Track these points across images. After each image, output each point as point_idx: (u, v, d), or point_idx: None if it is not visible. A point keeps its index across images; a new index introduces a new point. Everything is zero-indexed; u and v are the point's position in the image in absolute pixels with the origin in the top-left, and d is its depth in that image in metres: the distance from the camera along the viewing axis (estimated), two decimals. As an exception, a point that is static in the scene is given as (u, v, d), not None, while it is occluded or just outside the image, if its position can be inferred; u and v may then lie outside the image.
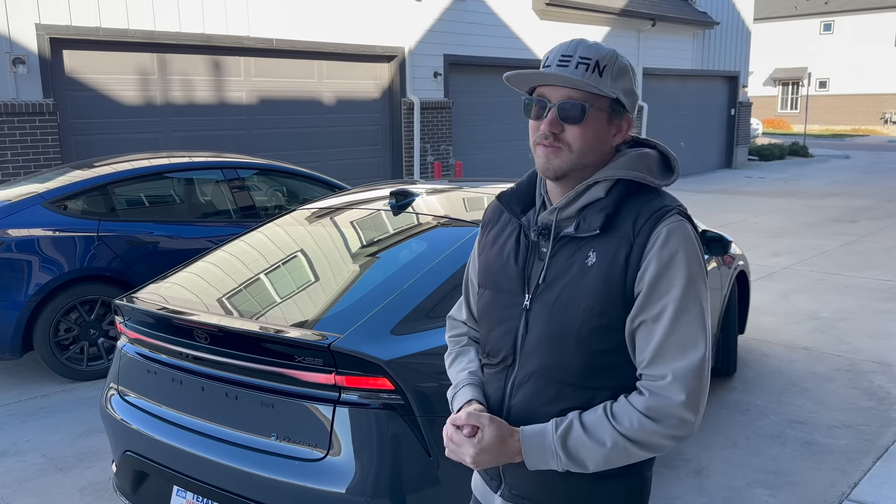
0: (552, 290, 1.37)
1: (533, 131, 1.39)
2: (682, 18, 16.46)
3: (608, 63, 1.34)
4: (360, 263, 2.77)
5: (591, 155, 1.37)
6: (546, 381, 1.38)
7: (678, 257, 1.30)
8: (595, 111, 1.34)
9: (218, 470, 2.31)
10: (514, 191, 1.51)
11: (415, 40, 11.53)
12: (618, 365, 1.35)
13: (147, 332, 2.60)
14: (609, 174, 1.36)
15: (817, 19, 38.84)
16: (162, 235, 5.21)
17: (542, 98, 1.37)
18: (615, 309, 1.32)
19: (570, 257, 1.37)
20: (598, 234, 1.34)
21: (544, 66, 1.37)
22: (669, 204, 1.36)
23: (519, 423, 1.39)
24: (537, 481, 1.42)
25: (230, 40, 9.39)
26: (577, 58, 1.33)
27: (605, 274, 1.32)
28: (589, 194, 1.37)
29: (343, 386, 2.19)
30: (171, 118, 9.20)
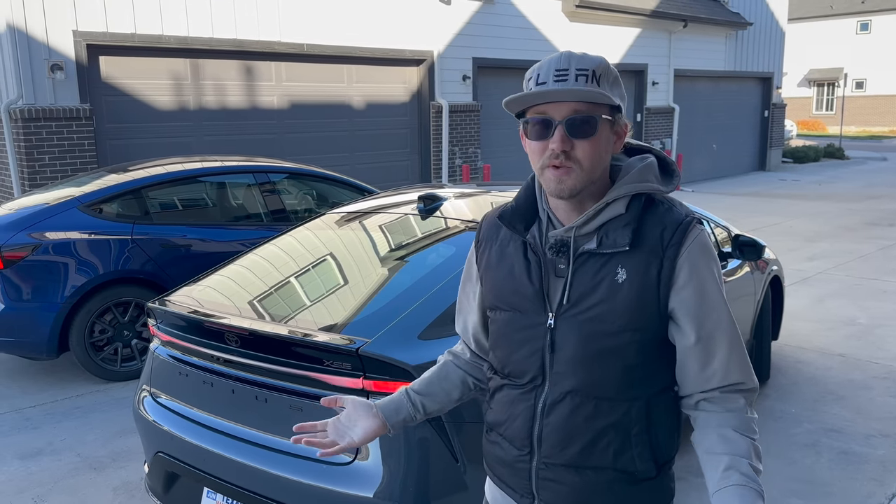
0: (579, 307, 1.35)
1: (538, 154, 1.33)
2: (715, 19, 16.26)
3: (603, 72, 1.32)
4: (388, 267, 2.77)
5: (600, 168, 1.35)
6: (583, 398, 1.37)
7: (710, 273, 1.36)
8: (602, 122, 1.32)
9: (247, 472, 2.33)
10: (515, 208, 1.46)
11: (444, 44, 11.55)
12: (651, 374, 1.38)
13: (179, 335, 2.63)
14: (628, 189, 1.35)
15: (853, 19, 38.07)
16: (194, 238, 5.29)
17: (545, 117, 1.31)
18: (651, 323, 1.34)
19: (595, 274, 1.35)
20: (619, 251, 1.34)
21: (538, 84, 1.31)
22: (688, 214, 1.37)
23: (554, 441, 1.39)
24: (579, 498, 1.41)
25: (262, 45, 9.50)
26: (573, 70, 1.30)
27: (638, 290, 1.32)
28: (609, 211, 1.35)
29: (371, 390, 2.20)
30: (204, 123, 9.34)
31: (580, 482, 1.40)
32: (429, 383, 1.61)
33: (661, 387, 1.39)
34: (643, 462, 1.38)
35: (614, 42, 14.56)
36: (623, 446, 1.38)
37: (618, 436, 1.37)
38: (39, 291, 4.71)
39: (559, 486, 1.41)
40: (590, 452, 1.38)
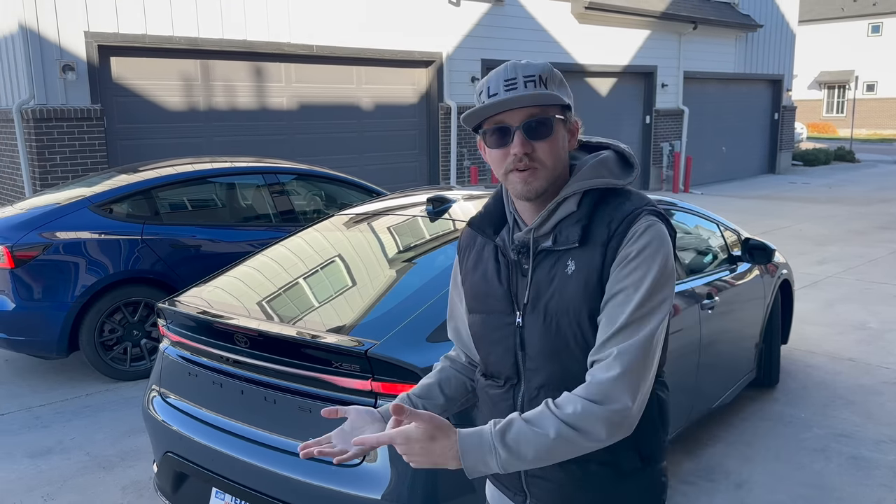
0: (540, 303, 1.40)
1: (500, 161, 1.38)
2: (725, 21, 16.20)
3: (548, 75, 1.38)
4: (396, 269, 2.78)
5: (560, 166, 1.40)
6: (555, 391, 1.38)
7: (647, 250, 1.32)
8: (556, 121, 1.38)
9: (256, 473, 2.34)
10: (484, 214, 1.53)
11: (453, 45, 11.56)
12: None
13: (189, 336, 2.65)
14: (577, 187, 1.40)
15: (865, 21, 37.86)
16: (204, 239, 5.31)
17: (502, 125, 1.37)
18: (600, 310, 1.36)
19: (550, 269, 1.40)
20: (578, 246, 1.37)
21: (490, 96, 1.37)
22: (639, 205, 1.39)
23: None
24: (561, 491, 1.44)
25: (271, 47, 9.53)
26: (521, 78, 1.36)
27: (585, 278, 1.35)
28: (562, 209, 1.40)
29: (379, 392, 2.20)
30: (214, 123, 9.38)
31: (565, 477, 1.43)
32: (429, 388, 1.62)
33: None
34: (625, 453, 1.39)
35: (624, 44, 14.54)
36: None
37: None
38: (50, 291, 4.74)
39: (546, 482, 1.45)
40: None
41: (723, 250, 4.19)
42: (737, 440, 3.98)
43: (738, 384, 4.16)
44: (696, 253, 4.01)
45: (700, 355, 3.53)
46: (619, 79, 14.84)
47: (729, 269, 4.03)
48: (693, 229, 4.17)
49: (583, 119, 1.50)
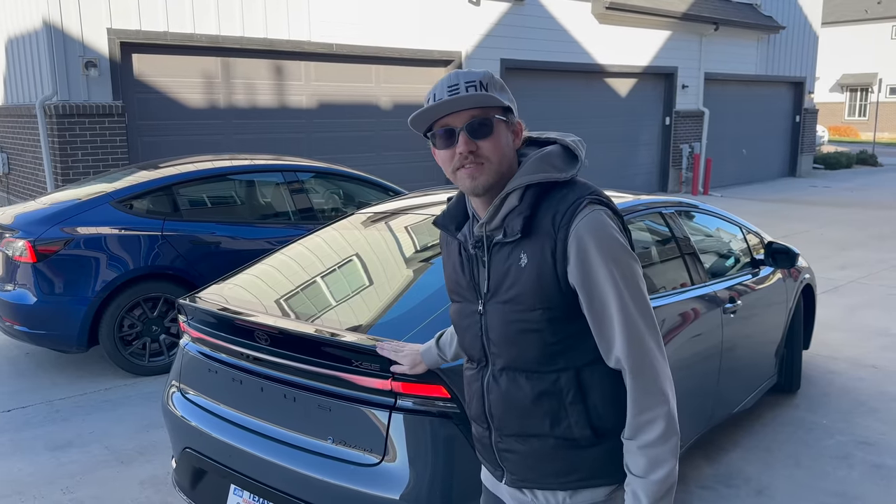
0: (498, 293, 1.53)
1: (447, 160, 1.51)
2: (747, 23, 16.05)
3: (489, 81, 1.50)
4: (416, 269, 2.77)
5: (506, 163, 1.51)
6: (515, 373, 1.54)
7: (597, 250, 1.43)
8: (497, 121, 1.50)
9: (274, 470, 2.33)
10: (446, 212, 1.67)
11: (472, 45, 11.54)
12: (572, 346, 1.50)
13: (209, 332, 2.65)
14: (517, 183, 1.49)
15: (889, 23, 37.37)
16: (223, 236, 5.33)
17: (448, 126, 1.49)
18: (556, 300, 1.46)
19: (504, 261, 1.51)
20: (522, 237, 1.48)
21: (435, 101, 1.48)
22: (581, 194, 1.47)
23: (499, 415, 1.58)
24: (526, 462, 1.57)
25: (292, 45, 9.56)
26: (462, 84, 1.47)
27: (537, 271, 1.46)
28: (507, 204, 1.50)
29: (399, 392, 2.19)
30: (234, 121, 9.42)
31: (527, 450, 1.56)
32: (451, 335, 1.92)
33: (590, 358, 1.50)
34: (580, 429, 1.50)
35: (644, 44, 14.44)
36: (558, 415, 1.51)
37: (552, 405, 1.51)
38: (71, 285, 4.78)
39: (513, 455, 1.59)
40: (528, 422, 1.54)
41: (745, 254, 4.14)
42: (757, 446, 3.93)
43: (759, 389, 4.11)
44: (718, 256, 3.97)
45: (721, 360, 3.49)
46: (638, 79, 14.74)
47: (751, 272, 3.98)
48: (714, 232, 4.13)
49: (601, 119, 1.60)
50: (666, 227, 3.54)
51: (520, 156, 1.57)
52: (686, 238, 3.58)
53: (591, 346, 1.49)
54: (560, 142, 1.58)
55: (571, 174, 1.52)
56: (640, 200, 3.44)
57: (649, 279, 3.29)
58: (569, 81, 13.28)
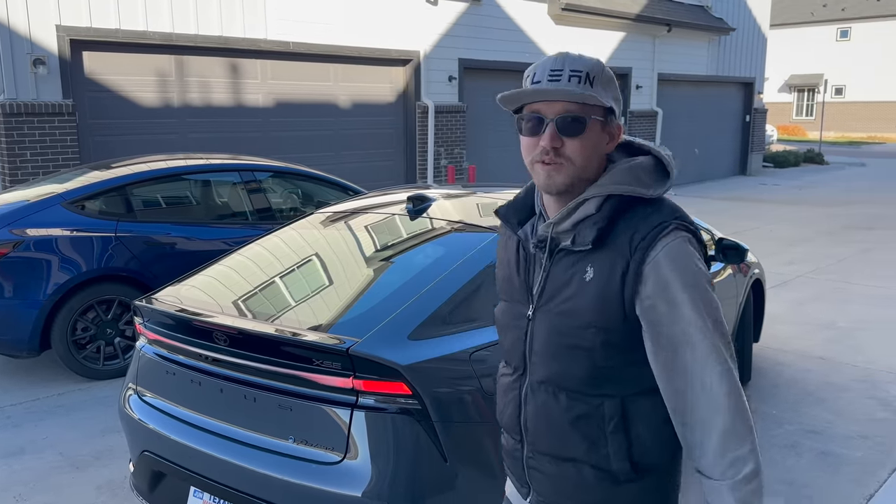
0: (553, 301, 1.40)
1: (529, 149, 1.38)
2: (698, 24, 16.41)
3: (597, 73, 1.35)
4: (377, 268, 2.78)
5: (591, 167, 1.38)
6: (555, 389, 1.42)
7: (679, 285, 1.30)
8: (593, 122, 1.35)
9: (235, 471, 2.33)
10: (511, 204, 1.54)
11: (430, 44, 11.56)
12: (624, 374, 1.37)
13: (166, 334, 2.62)
14: (599, 191, 1.37)
15: (834, 26, 38.60)
16: (179, 237, 5.26)
17: (537, 114, 1.36)
18: (615, 323, 1.34)
19: (567, 270, 1.39)
20: (592, 250, 1.35)
21: (533, 83, 1.36)
22: (667, 218, 1.34)
23: (533, 429, 1.46)
24: (556, 488, 1.45)
25: (247, 43, 9.45)
26: (567, 71, 1.34)
27: (602, 290, 1.33)
28: (581, 210, 1.38)
29: (361, 390, 2.21)
30: (189, 120, 9.28)
31: (559, 473, 1.44)
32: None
33: (641, 388, 1.38)
34: (619, 461, 1.38)
35: (599, 45, 14.65)
36: (596, 442, 1.39)
37: (591, 430, 1.39)
38: (21, 288, 4.66)
39: (543, 476, 1.46)
40: (564, 444, 1.42)
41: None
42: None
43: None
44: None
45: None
46: (594, 80, 14.93)
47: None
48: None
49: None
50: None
51: (608, 160, 1.43)
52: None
53: (644, 376, 1.36)
54: (654, 153, 1.44)
55: (658, 192, 1.39)
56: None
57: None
58: (526, 81, 13.39)
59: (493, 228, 2.89)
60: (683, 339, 1.30)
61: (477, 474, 2.29)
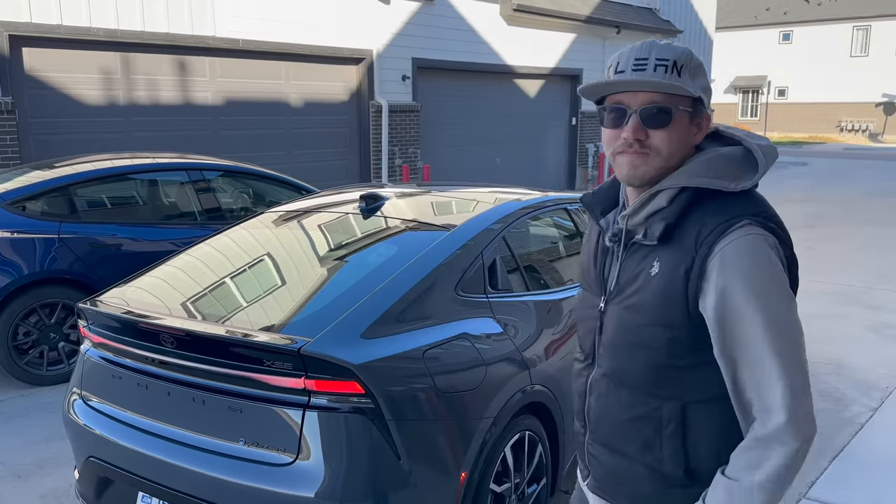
0: (622, 295, 1.37)
1: (611, 141, 1.34)
2: (647, 26, 16.72)
3: (685, 62, 1.30)
4: (329, 267, 2.77)
5: (676, 158, 1.32)
6: (615, 383, 1.40)
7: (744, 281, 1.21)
8: (679, 112, 1.30)
9: (184, 475, 2.29)
10: (597, 192, 1.51)
11: (383, 43, 11.52)
12: (687, 377, 1.32)
13: (112, 336, 2.56)
14: (671, 183, 1.31)
15: (776, 29, 39.77)
16: (125, 238, 5.13)
17: (620, 105, 1.32)
18: (679, 321, 1.28)
19: (638, 264, 1.35)
20: (661, 244, 1.30)
21: (617, 72, 1.31)
22: (742, 212, 1.26)
23: (594, 418, 1.46)
24: (608, 478, 1.46)
25: (195, 40, 9.28)
26: (653, 60, 1.29)
27: (666, 286, 1.28)
28: (654, 203, 1.32)
29: (313, 390, 2.19)
30: (135, 118, 9.06)
31: (613, 464, 1.44)
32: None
33: (704, 396, 1.31)
34: (673, 466, 1.34)
35: (551, 46, 14.81)
36: (651, 442, 1.35)
37: (647, 430, 1.35)
38: (-42, 292, 4.48)
39: (599, 464, 1.47)
40: (620, 438, 1.40)
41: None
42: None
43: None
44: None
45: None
46: (546, 80, 15.11)
47: (652, 265, 4.18)
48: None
49: (512, 119, 1.52)
50: (571, 222, 3.67)
51: (697, 150, 1.36)
52: (590, 233, 3.72)
53: (709, 382, 1.30)
54: (745, 143, 1.34)
55: (742, 186, 1.29)
56: (548, 197, 3.56)
57: (556, 273, 3.41)
58: (480, 82, 13.47)
59: (447, 227, 2.90)
60: (743, 351, 1.22)
61: (431, 472, 2.30)
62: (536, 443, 2.83)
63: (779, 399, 1.20)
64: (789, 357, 1.20)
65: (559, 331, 3.06)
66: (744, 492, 1.21)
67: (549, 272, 3.37)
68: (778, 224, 1.28)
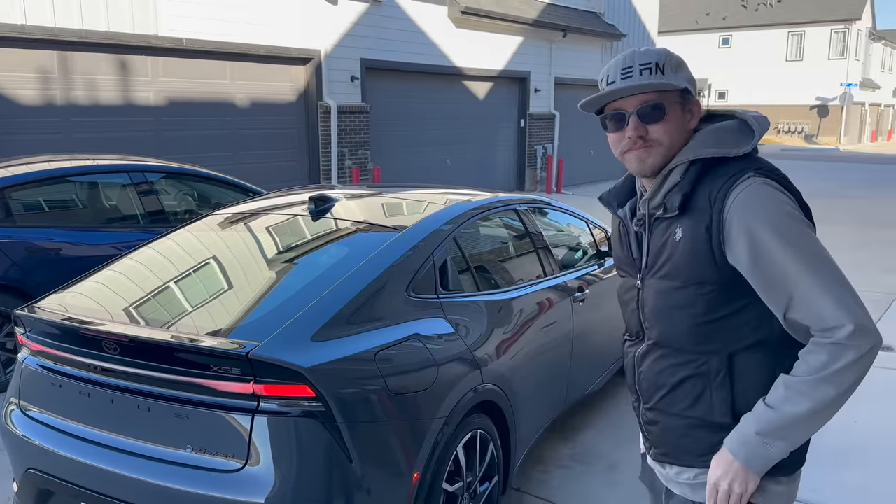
0: (654, 268, 1.52)
1: (616, 143, 1.52)
2: (592, 30, 17.01)
3: (666, 60, 1.47)
4: (278, 269, 2.73)
5: (678, 145, 1.49)
6: (663, 349, 1.53)
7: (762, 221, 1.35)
8: (671, 105, 1.47)
9: (129, 484, 2.23)
10: (612, 189, 1.70)
11: (331, 43, 11.43)
12: (725, 328, 1.44)
13: (51, 344, 2.48)
14: (681, 158, 1.47)
15: (716, 34, 40.93)
16: (64, 242, 4.96)
17: (619, 111, 1.49)
18: (710, 276, 1.41)
19: (662, 236, 1.50)
20: (680, 213, 1.45)
21: (608, 84, 1.48)
22: (746, 168, 1.41)
23: (646, 387, 1.59)
24: (668, 440, 1.58)
25: (137, 39, 9.04)
26: (637, 66, 1.45)
27: (691, 245, 1.42)
28: (669, 181, 1.48)
29: (262, 395, 2.16)
30: (73, 119, 8.78)
31: (669, 425, 1.56)
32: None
33: (749, 342, 1.44)
34: (722, 415, 1.47)
35: (499, 49, 14.93)
36: (702, 395, 1.48)
37: (696, 386, 1.49)
38: None
39: (655, 428, 1.60)
40: (672, 399, 1.53)
41: (591, 246, 4.41)
42: (608, 425, 4.21)
43: (608, 371, 4.40)
44: (568, 249, 4.21)
45: (573, 345, 3.71)
46: (495, 83, 15.22)
47: (597, 263, 4.26)
48: (565, 227, 4.37)
49: (462, 121, 1.59)
50: (521, 223, 3.71)
51: (694, 132, 1.53)
52: (539, 233, 3.77)
53: (750, 329, 1.43)
54: (738, 115, 1.52)
55: (744, 150, 1.44)
56: (498, 198, 3.59)
57: (507, 273, 3.44)
58: (429, 83, 13.48)
59: (398, 228, 2.90)
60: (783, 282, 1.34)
61: (383, 473, 2.30)
62: (488, 441, 2.85)
63: (839, 314, 1.30)
64: (832, 278, 1.32)
65: (510, 330, 3.09)
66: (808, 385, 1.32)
67: (499, 272, 3.40)
68: (782, 176, 1.42)
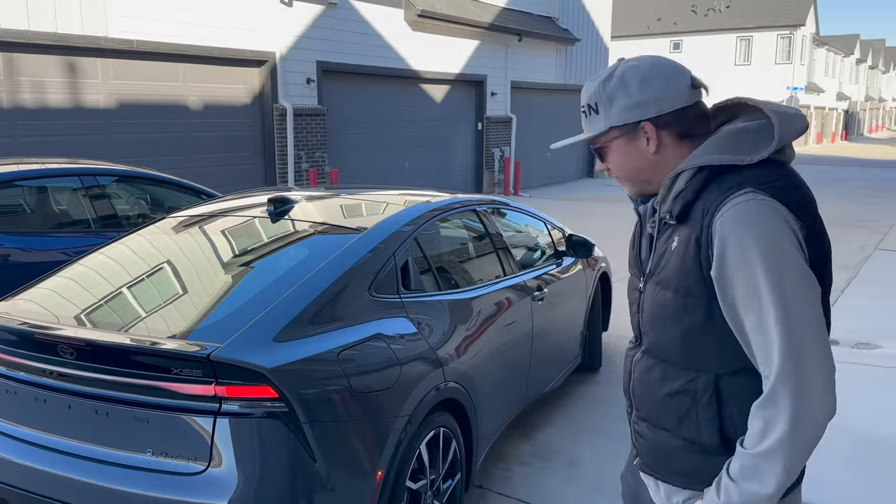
0: (654, 273, 1.48)
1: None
2: (546, 34, 17.22)
3: (597, 99, 1.47)
4: (238, 271, 2.72)
5: (643, 170, 1.49)
6: (654, 358, 1.49)
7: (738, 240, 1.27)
8: (610, 143, 1.49)
9: (88, 491, 2.19)
10: None
11: (286, 45, 11.35)
12: (714, 347, 1.37)
13: (5, 350, 2.42)
14: (689, 164, 1.40)
15: (667, 38, 41.82)
16: (12, 248, 4.83)
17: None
18: (697, 289, 1.35)
19: (664, 243, 1.46)
20: (679, 222, 1.40)
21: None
22: (748, 181, 1.31)
23: (637, 395, 1.55)
24: (653, 455, 1.53)
25: (86, 41, 8.84)
26: (583, 107, 1.51)
27: (682, 258, 1.37)
28: (676, 186, 1.42)
29: (224, 396, 2.15)
30: (20, 122, 8.53)
31: (654, 439, 1.51)
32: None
33: (736, 367, 1.36)
34: (709, 436, 1.40)
35: (456, 52, 15.01)
36: (688, 414, 1.42)
37: (683, 403, 1.42)
38: None
39: (642, 440, 1.55)
40: (659, 412, 1.48)
41: (549, 247, 4.49)
42: (567, 422, 4.28)
43: (567, 369, 4.48)
44: (527, 249, 4.27)
45: (532, 343, 3.76)
46: (452, 86, 15.30)
47: (555, 263, 4.33)
48: (523, 227, 4.43)
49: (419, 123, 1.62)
50: (480, 223, 3.75)
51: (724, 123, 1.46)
52: (498, 234, 3.83)
53: (739, 352, 1.34)
54: (765, 110, 1.36)
55: (758, 157, 1.32)
56: (457, 199, 3.63)
57: (467, 272, 3.48)
58: (387, 86, 13.48)
59: (358, 229, 2.91)
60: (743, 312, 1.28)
61: (347, 473, 2.31)
62: (451, 439, 2.88)
63: (775, 360, 1.23)
64: (788, 318, 1.23)
65: (471, 328, 3.12)
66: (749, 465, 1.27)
67: (460, 272, 3.44)
68: (790, 193, 1.31)
